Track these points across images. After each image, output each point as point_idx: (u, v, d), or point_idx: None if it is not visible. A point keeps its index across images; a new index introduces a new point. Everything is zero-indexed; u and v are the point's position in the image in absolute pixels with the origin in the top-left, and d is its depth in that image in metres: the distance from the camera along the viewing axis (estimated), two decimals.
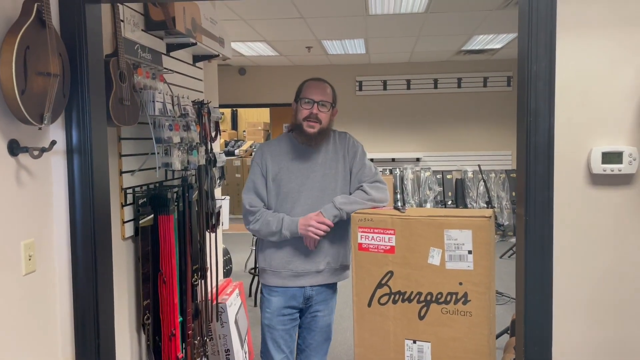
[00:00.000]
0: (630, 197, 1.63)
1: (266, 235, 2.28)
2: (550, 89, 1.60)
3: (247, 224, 2.32)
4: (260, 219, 2.28)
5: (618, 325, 1.66)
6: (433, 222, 1.98)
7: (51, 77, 1.53)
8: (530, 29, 1.60)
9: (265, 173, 2.32)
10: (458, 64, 8.44)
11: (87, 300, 1.77)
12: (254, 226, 2.29)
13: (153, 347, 2.31)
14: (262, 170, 2.32)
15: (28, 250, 1.60)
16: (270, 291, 2.35)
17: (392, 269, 2.04)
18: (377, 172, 2.37)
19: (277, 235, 2.25)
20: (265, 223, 2.26)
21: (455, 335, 1.98)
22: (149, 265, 2.27)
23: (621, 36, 1.61)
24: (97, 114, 1.76)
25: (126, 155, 2.19)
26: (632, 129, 1.62)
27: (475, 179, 8.20)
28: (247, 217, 2.31)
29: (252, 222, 2.30)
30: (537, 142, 1.62)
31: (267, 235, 2.28)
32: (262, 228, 2.27)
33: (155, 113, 2.17)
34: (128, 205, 2.19)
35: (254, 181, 2.34)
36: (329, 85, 2.35)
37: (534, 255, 1.64)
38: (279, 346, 2.34)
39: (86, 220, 1.75)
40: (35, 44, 1.49)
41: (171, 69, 2.60)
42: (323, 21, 5.60)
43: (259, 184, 2.32)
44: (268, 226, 2.26)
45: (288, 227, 2.23)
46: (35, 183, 1.64)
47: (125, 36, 2.10)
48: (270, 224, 2.26)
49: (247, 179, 2.38)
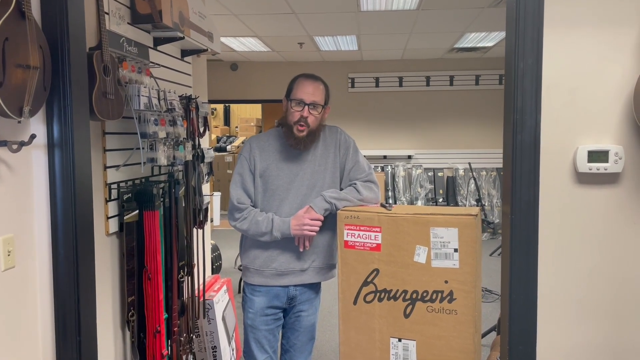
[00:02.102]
0: (616, 196, 1.63)
1: (255, 235, 2.25)
2: (537, 87, 1.60)
3: (233, 220, 2.29)
4: (249, 217, 2.24)
5: (603, 324, 1.66)
6: (419, 220, 1.97)
7: (31, 69, 1.50)
8: (517, 26, 1.59)
9: (253, 169, 2.29)
10: (450, 61, 8.45)
11: (69, 297, 1.74)
12: (241, 225, 2.26)
13: (138, 344, 2.29)
14: (250, 165, 2.29)
15: (7, 246, 1.57)
16: (253, 291, 2.32)
17: (378, 267, 2.03)
18: (370, 171, 2.33)
19: (268, 236, 2.22)
20: (254, 223, 2.23)
21: (441, 333, 1.97)
22: (134, 261, 2.24)
23: (608, 35, 1.61)
24: (80, 107, 1.73)
25: (111, 150, 2.16)
26: (619, 127, 1.61)
27: (467, 177, 8.21)
28: (234, 214, 2.28)
29: (240, 219, 2.26)
30: (523, 140, 1.61)
31: (255, 235, 2.25)
32: (250, 227, 2.24)
33: (141, 107, 2.14)
34: (112, 200, 2.17)
35: (241, 175, 2.30)
36: (322, 82, 2.28)
37: (519, 253, 1.64)
38: (262, 346, 2.32)
39: (67, 215, 1.72)
40: (14, 35, 1.46)
41: (158, 63, 2.57)
42: (314, 17, 5.57)
43: (247, 179, 2.29)
44: (257, 226, 2.22)
45: (279, 229, 2.20)
46: (15, 177, 1.61)
47: (110, 29, 2.07)
48: (259, 224, 2.22)
49: (234, 172, 2.34)
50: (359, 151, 2.35)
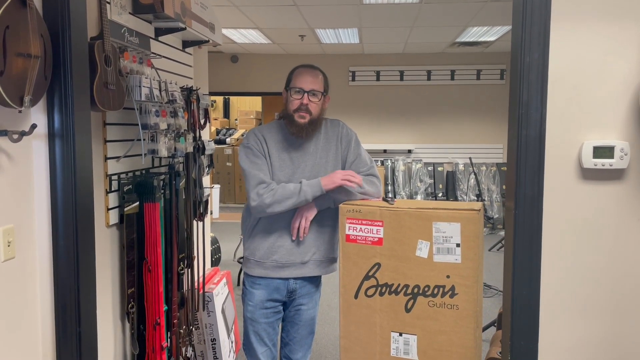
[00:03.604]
0: (621, 192, 1.62)
1: (280, 200, 2.12)
2: (543, 81, 1.58)
3: (257, 197, 2.15)
4: (275, 188, 2.15)
5: (606, 320, 1.66)
6: (422, 215, 1.96)
7: (32, 58, 1.48)
8: (524, 20, 1.58)
9: (265, 154, 2.23)
10: (452, 56, 8.42)
11: (69, 288, 1.73)
12: (267, 196, 2.13)
13: (137, 335, 2.28)
14: (263, 151, 2.23)
15: (7, 237, 1.56)
16: (253, 284, 2.31)
17: (379, 261, 2.02)
18: (372, 164, 2.31)
19: (295, 197, 2.12)
20: (281, 187, 2.14)
21: (442, 328, 1.97)
22: (134, 253, 2.24)
23: (615, 30, 1.59)
24: (80, 97, 1.71)
25: (111, 141, 2.14)
26: (624, 123, 1.60)
27: (466, 172, 8.20)
28: (257, 190, 2.16)
29: (265, 194, 2.14)
30: (528, 135, 1.60)
31: (281, 201, 2.12)
32: (276, 193, 2.13)
33: (142, 98, 2.13)
34: (113, 192, 2.15)
35: (255, 163, 2.21)
36: (321, 72, 2.28)
37: (523, 249, 1.63)
38: (261, 339, 2.32)
39: (68, 206, 1.71)
40: (15, 23, 1.44)
41: (159, 53, 2.55)
42: (316, 9, 5.54)
43: (262, 164, 2.21)
44: (284, 189, 2.13)
45: (309, 184, 2.13)
46: (15, 167, 1.60)
47: (112, 19, 2.05)
48: (286, 187, 2.14)
49: (244, 161, 2.23)
50: (361, 145, 2.34)
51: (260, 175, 2.19)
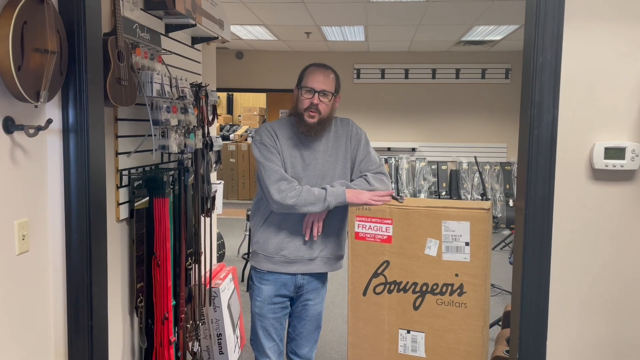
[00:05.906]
0: (632, 193, 1.63)
1: (304, 204, 2.13)
2: (556, 82, 1.59)
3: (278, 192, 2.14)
4: (299, 188, 2.16)
5: (614, 321, 1.67)
6: (431, 213, 1.97)
7: (48, 54, 1.50)
8: (537, 20, 1.58)
9: (279, 150, 2.23)
10: (457, 54, 8.41)
11: (81, 282, 1.75)
12: (292, 194, 2.13)
13: (145, 330, 2.30)
14: (277, 147, 2.23)
15: (22, 230, 1.57)
16: (261, 279, 2.33)
17: (388, 259, 2.04)
18: (381, 163, 2.32)
19: (320, 204, 2.13)
20: (306, 191, 2.15)
21: (450, 326, 1.98)
22: (143, 248, 2.25)
23: (628, 31, 1.59)
24: (95, 93, 1.73)
25: (122, 136, 2.16)
26: (636, 124, 1.61)
27: (470, 171, 8.20)
28: (280, 185, 2.15)
29: (289, 190, 2.14)
30: (539, 135, 1.60)
31: (305, 204, 2.13)
32: (301, 195, 2.13)
33: (153, 94, 2.14)
34: (123, 187, 2.17)
35: (271, 160, 2.19)
36: (333, 71, 2.28)
37: (533, 248, 1.64)
38: (269, 334, 2.33)
39: (81, 200, 1.72)
40: (32, 19, 1.45)
41: (169, 50, 2.56)
42: (323, 6, 5.54)
43: (278, 160, 2.21)
44: (309, 193, 2.14)
45: (333, 193, 2.14)
46: (30, 162, 1.61)
47: (124, 15, 2.06)
48: (311, 191, 2.14)
49: (259, 157, 2.22)
50: (370, 144, 2.36)
51: (281, 171, 2.18)
